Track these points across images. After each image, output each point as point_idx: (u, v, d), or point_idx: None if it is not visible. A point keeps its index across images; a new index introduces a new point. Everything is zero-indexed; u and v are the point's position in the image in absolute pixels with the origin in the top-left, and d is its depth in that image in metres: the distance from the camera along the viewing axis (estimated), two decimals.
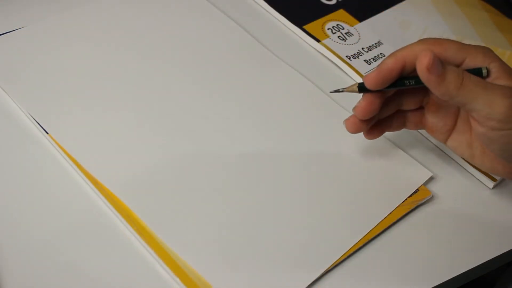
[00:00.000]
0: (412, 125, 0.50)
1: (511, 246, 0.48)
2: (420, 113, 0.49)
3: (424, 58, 0.42)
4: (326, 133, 0.52)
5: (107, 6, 0.59)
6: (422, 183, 0.49)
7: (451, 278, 0.45)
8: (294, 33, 0.61)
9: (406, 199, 0.48)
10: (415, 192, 0.49)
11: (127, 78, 0.53)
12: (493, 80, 0.44)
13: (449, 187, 0.50)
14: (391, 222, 0.47)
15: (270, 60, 0.57)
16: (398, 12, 0.65)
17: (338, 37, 0.61)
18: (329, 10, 0.63)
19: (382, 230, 0.46)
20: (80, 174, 0.46)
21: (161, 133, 0.49)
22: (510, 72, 0.44)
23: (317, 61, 0.59)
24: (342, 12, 0.63)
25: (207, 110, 0.52)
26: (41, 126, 0.48)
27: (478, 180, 0.52)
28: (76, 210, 0.44)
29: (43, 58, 0.53)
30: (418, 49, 0.44)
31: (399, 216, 0.47)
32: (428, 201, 0.49)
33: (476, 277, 0.47)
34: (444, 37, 0.63)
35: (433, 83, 0.43)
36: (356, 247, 0.45)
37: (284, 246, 0.44)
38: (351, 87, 0.47)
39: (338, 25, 0.62)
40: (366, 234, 0.45)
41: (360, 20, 0.63)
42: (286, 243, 0.44)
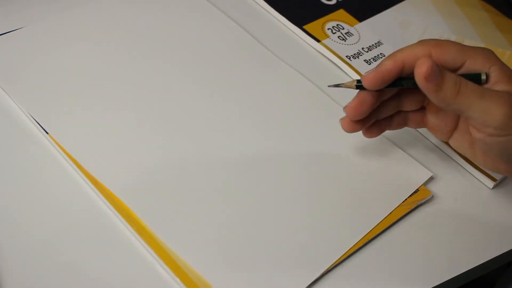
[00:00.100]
0: (413, 124, 0.49)
1: (511, 246, 0.48)
2: (421, 113, 0.49)
3: (422, 65, 0.42)
4: (326, 133, 0.52)
5: (107, 6, 0.59)
6: (422, 183, 0.49)
7: (451, 278, 0.45)
8: (294, 33, 0.61)
9: (406, 199, 0.48)
10: (415, 192, 0.49)
11: (127, 78, 0.53)
12: (492, 84, 0.44)
13: (449, 187, 0.50)
14: (391, 222, 0.47)
15: (270, 60, 0.57)
16: (398, 12, 0.65)
17: (338, 37, 0.61)
18: (329, 10, 0.63)
19: (382, 230, 0.46)
20: (80, 174, 0.46)
21: (160, 133, 0.49)
22: (510, 75, 0.44)
23: (317, 61, 0.59)
24: (342, 12, 0.63)
25: (207, 110, 0.52)
26: (41, 126, 0.48)
27: (478, 180, 0.52)
28: (76, 210, 0.44)
29: (43, 58, 0.53)
30: (418, 51, 0.44)
31: (399, 216, 0.47)
32: (428, 201, 0.49)
33: (476, 277, 0.47)
34: (444, 37, 0.63)
35: (430, 91, 0.43)
36: (356, 247, 0.45)
37: (284, 246, 0.44)
38: (349, 83, 0.47)
39: (338, 25, 0.62)
40: (366, 234, 0.45)
41: (360, 20, 0.63)
42: (286, 243, 0.44)
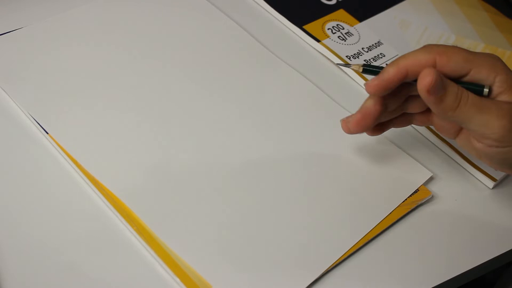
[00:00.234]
0: (418, 123, 0.49)
1: (511, 246, 0.48)
2: (426, 113, 0.48)
3: (426, 77, 0.42)
4: (326, 133, 0.52)
5: (107, 6, 0.59)
6: (422, 183, 0.49)
7: (451, 278, 0.45)
8: (294, 33, 0.61)
9: (406, 199, 0.48)
10: (415, 192, 0.49)
11: (127, 78, 0.53)
12: (496, 95, 0.44)
13: (449, 187, 0.50)
14: (391, 222, 0.47)
15: (270, 60, 0.57)
16: (398, 12, 0.65)
17: (338, 37, 0.61)
18: (329, 10, 0.63)
19: (382, 230, 0.46)
20: (80, 174, 0.46)
21: (160, 133, 0.49)
22: None
23: (317, 61, 0.59)
24: (342, 12, 0.63)
25: (207, 110, 0.52)
26: (41, 126, 0.48)
27: (478, 180, 0.52)
28: (76, 210, 0.44)
29: (43, 58, 0.53)
30: (422, 58, 0.43)
31: (399, 216, 0.47)
32: (428, 201, 0.49)
33: (476, 277, 0.47)
34: (444, 37, 0.63)
35: (431, 103, 0.43)
36: (356, 247, 0.45)
37: (284, 246, 0.44)
38: (356, 66, 0.46)
39: (338, 25, 0.62)
40: (366, 234, 0.45)
41: (360, 20, 0.63)
42: (286, 243, 0.44)
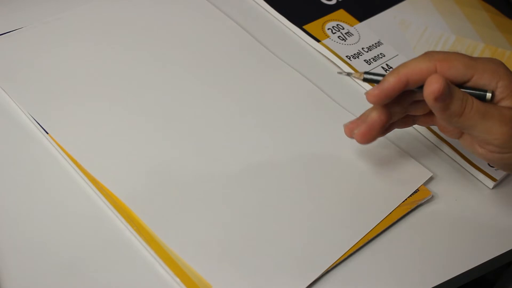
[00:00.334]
0: (422, 123, 0.49)
1: (511, 246, 0.48)
2: (429, 115, 0.48)
3: (433, 84, 0.41)
4: (326, 133, 0.52)
5: (107, 6, 0.59)
6: (422, 183, 0.49)
7: (451, 278, 0.45)
8: (294, 33, 0.61)
9: (406, 199, 0.48)
10: (415, 192, 0.49)
11: (127, 78, 0.53)
12: (498, 101, 0.44)
13: (449, 187, 0.50)
14: (391, 222, 0.47)
15: (270, 60, 0.57)
16: (398, 12, 0.65)
17: (338, 37, 0.61)
18: (329, 10, 0.63)
19: (382, 230, 0.46)
20: (80, 174, 0.46)
21: (160, 132, 0.49)
22: None
23: (317, 61, 0.59)
24: (342, 12, 0.63)
25: (207, 110, 0.52)
26: (41, 126, 0.48)
27: (478, 180, 0.52)
28: (76, 210, 0.44)
29: (43, 58, 0.53)
30: (423, 66, 0.43)
31: (399, 216, 0.47)
32: (428, 201, 0.49)
33: (476, 277, 0.47)
34: (444, 37, 0.63)
35: (437, 110, 0.43)
36: (356, 247, 0.45)
37: (284, 246, 0.44)
38: (357, 74, 0.46)
39: (338, 25, 0.62)
40: (366, 234, 0.45)
41: (360, 20, 0.63)
42: (286, 243, 0.44)
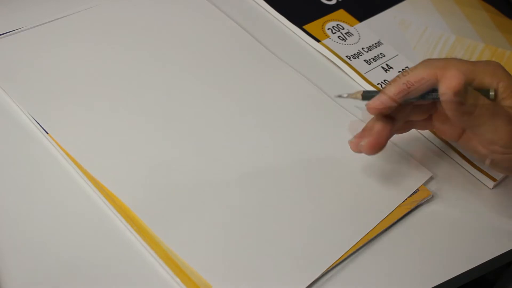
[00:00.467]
0: (420, 128, 0.50)
1: (511, 246, 0.48)
2: (429, 120, 0.48)
3: (453, 79, 0.41)
4: (326, 133, 0.52)
5: (108, 6, 0.59)
6: (422, 183, 0.49)
7: (451, 278, 0.45)
8: (294, 33, 0.61)
9: (406, 199, 0.48)
10: (415, 192, 0.49)
11: (127, 78, 0.53)
12: (499, 100, 0.44)
13: (449, 187, 0.50)
14: (391, 222, 0.47)
15: (270, 60, 0.57)
16: (398, 12, 0.65)
17: (338, 37, 0.61)
18: (329, 10, 0.63)
19: (382, 230, 0.46)
20: (80, 174, 0.46)
21: (160, 132, 0.49)
22: None
23: (317, 61, 0.59)
24: (342, 12, 0.63)
25: (207, 110, 0.52)
26: (41, 126, 0.48)
27: (478, 180, 0.52)
28: (76, 210, 0.44)
29: (43, 58, 0.53)
30: (424, 75, 0.43)
31: (399, 216, 0.47)
32: (428, 201, 0.49)
33: (476, 277, 0.47)
34: (444, 37, 0.63)
35: (452, 106, 0.42)
36: (356, 247, 0.45)
37: (284, 246, 0.44)
38: (355, 94, 0.47)
39: (338, 25, 0.62)
40: (366, 234, 0.45)
41: (360, 20, 0.63)
42: (286, 243, 0.44)
